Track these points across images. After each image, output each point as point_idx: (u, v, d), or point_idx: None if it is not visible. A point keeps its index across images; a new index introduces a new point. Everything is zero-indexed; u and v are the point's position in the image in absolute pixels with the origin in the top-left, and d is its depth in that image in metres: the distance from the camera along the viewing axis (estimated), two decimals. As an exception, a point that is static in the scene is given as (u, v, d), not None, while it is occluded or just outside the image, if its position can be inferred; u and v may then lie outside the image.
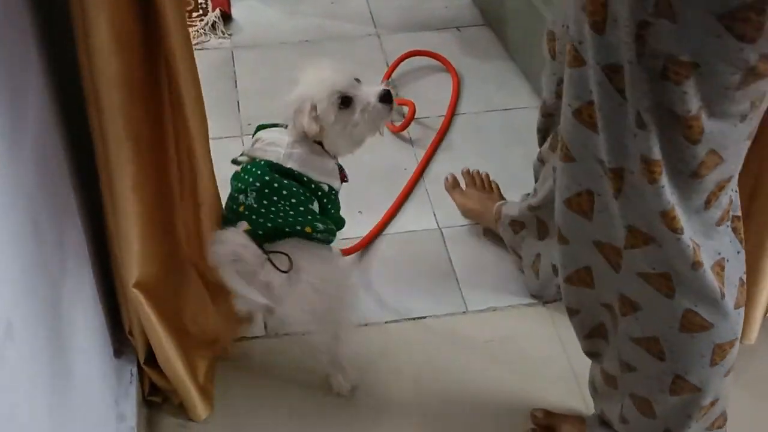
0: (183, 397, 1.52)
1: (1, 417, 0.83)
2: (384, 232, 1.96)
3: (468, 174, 2.04)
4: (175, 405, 1.57)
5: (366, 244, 1.91)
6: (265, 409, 1.60)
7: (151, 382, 1.55)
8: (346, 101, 1.43)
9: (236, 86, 2.41)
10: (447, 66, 2.43)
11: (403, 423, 1.58)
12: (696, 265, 1.11)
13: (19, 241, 0.98)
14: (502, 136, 2.23)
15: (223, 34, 2.61)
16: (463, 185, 2.02)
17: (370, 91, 1.44)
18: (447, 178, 2.03)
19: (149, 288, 1.39)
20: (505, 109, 2.32)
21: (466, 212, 1.98)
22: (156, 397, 1.58)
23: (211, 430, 1.56)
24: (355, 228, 1.88)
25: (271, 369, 1.68)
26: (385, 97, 1.44)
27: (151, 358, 1.50)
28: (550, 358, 1.70)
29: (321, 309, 1.41)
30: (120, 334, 1.53)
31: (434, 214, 2.01)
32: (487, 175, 2.02)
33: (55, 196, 1.22)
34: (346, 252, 1.85)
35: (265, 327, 1.75)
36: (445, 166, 2.11)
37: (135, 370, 1.50)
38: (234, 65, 2.50)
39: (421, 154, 2.16)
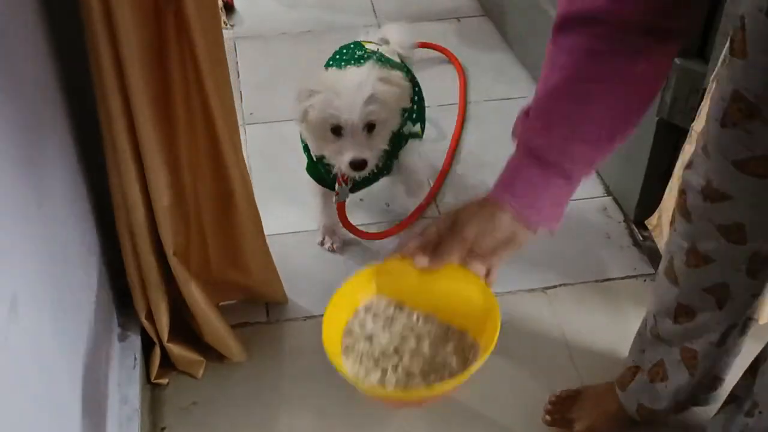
0: (222, 343, 1.61)
1: (5, 395, 0.86)
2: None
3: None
4: (194, 378, 1.63)
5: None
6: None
7: (160, 363, 1.58)
8: (336, 130, 1.58)
9: (238, 77, 2.44)
10: (454, 62, 2.45)
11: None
12: None
13: (27, 219, 1.00)
14: (500, 125, 2.25)
15: (226, 24, 2.63)
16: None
17: (349, 153, 1.58)
18: None
19: (183, 253, 1.49)
20: (504, 99, 2.34)
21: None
22: (163, 378, 1.60)
23: (220, 406, 1.59)
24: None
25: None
26: (355, 165, 1.59)
27: (175, 334, 1.56)
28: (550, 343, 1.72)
29: None
30: (124, 318, 1.56)
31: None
32: None
33: (64, 180, 1.25)
34: (392, 231, 1.92)
35: (267, 313, 1.77)
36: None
37: (139, 354, 1.53)
38: (236, 56, 2.53)
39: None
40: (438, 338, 0.91)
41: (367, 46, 1.84)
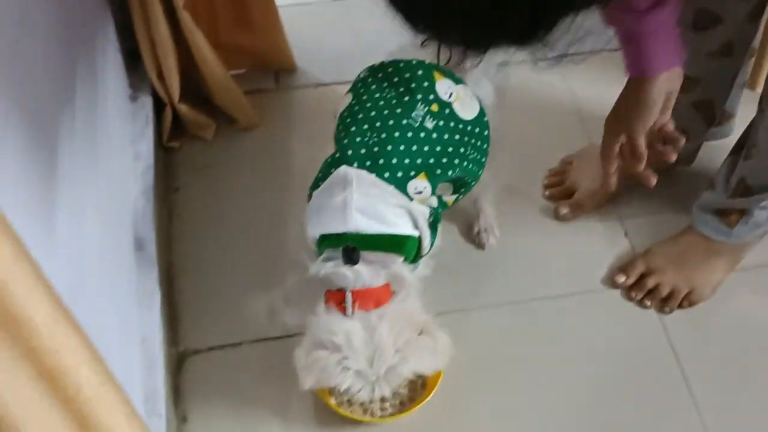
0: (234, 107, 1.63)
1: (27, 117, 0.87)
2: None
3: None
4: (205, 141, 1.65)
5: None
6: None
7: (172, 128, 1.60)
8: None
9: None
10: None
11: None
12: None
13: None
14: None
15: None
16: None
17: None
18: (560, 214, 1.55)
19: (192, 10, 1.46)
20: None
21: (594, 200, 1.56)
22: (175, 142, 1.63)
23: (232, 172, 1.62)
24: None
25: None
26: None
27: (186, 97, 1.58)
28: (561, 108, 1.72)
29: None
30: (135, 79, 1.56)
31: None
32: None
33: None
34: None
35: (276, 81, 1.77)
36: None
37: (151, 114, 1.54)
38: None
39: None
40: None
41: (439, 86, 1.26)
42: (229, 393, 1.35)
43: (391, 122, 1.22)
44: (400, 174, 1.20)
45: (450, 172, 1.25)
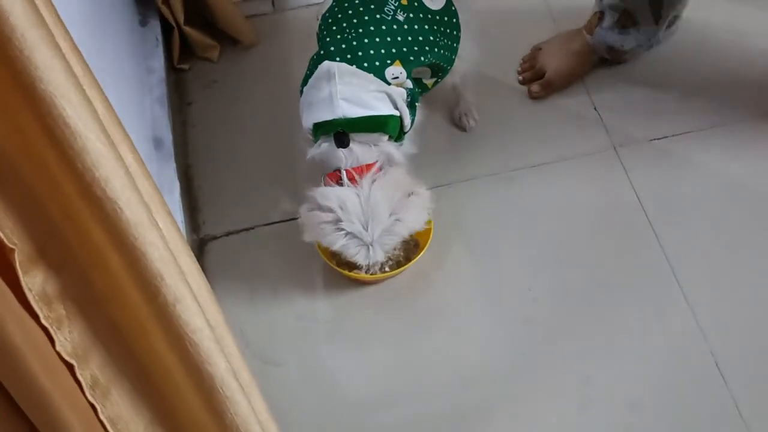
0: (236, 28, 1.79)
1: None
2: None
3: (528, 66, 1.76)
4: (212, 62, 1.83)
5: None
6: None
7: (180, 51, 1.78)
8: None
9: None
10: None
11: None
12: None
13: None
14: None
15: None
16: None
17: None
18: (531, 92, 1.71)
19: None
20: None
21: (563, 78, 1.71)
22: (184, 64, 1.80)
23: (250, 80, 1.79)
24: None
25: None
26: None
27: (190, 21, 1.74)
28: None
29: None
30: (143, 7, 1.73)
31: None
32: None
33: None
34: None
35: (273, 4, 1.93)
36: None
37: (160, 35, 1.72)
38: None
39: None
40: None
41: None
42: (247, 269, 1.53)
43: (366, 18, 1.38)
44: (377, 63, 1.35)
45: (423, 59, 1.40)
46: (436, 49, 1.42)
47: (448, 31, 1.45)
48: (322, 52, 1.39)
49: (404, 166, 1.42)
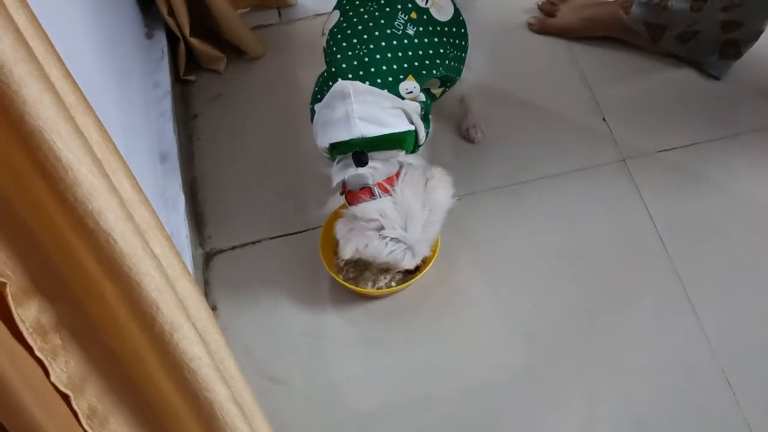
0: (241, 38, 1.78)
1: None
2: None
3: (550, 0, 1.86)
4: (218, 73, 1.82)
5: None
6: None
7: (186, 62, 1.77)
8: None
9: None
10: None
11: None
12: None
13: None
14: None
15: None
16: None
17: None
18: (529, 23, 1.84)
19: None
20: None
21: (575, 30, 1.80)
22: (190, 75, 1.80)
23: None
24: None
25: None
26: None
27: (196, 32, 1.74)
28: None
29: None
30: (149, 19, 1.73)
31: None
32: None
33: None
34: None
35: (279, 15, 1.93)
36: None
37: (165, 47, 1.71)
38: None
39: None
40: None
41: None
42: (252, 283, 1.52)
43: (376, 33, 1.36)
44: (390, 79, 1.33)
45: (435, 71, 1.39)
46: (447, 61, 1.41)
47: (457, 41, 1.43)
48: (333, 69, 1.36)
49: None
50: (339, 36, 1.39)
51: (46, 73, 0.55)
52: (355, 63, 1.33)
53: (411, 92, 1.35)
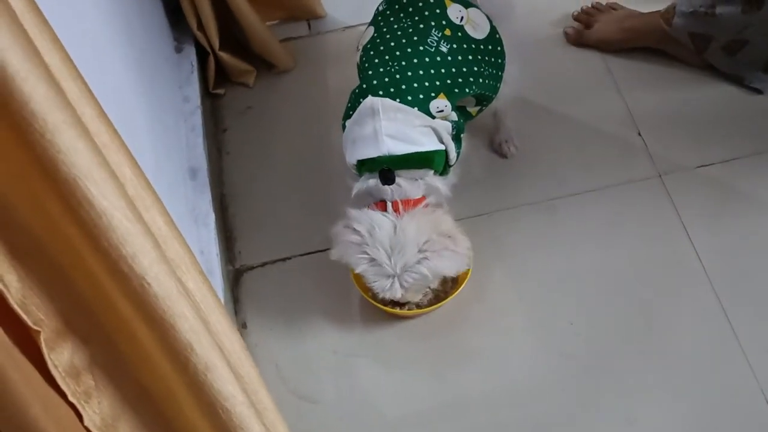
0: (270, 51, 1.77)
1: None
2: None
3: (587, 11, 1.83)
4: (248, 86, 1.81)
5: None
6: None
7: (216, 76, 1.77)
8: None
9: None
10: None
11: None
12: None
13: None
14: None
15: None
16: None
17: None
18: (567, 32, 1.82)
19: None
20: None
21: (614, 42, 1.76)
22: (220, 89, 1.79)
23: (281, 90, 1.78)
24: None
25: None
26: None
27: (225, 46, 1.73)
28: None
29: None
30: (178, 33, 1.73)
31: None
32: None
33: None
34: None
35: (309, 27, 1.91)
36: None
37: (195, 61, 1.70)
38: None
39: None
40: None
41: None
42: (282, 300, 1.51)
43: (409, 50, 1.34)
44: (421, 96, 1.31)
45: (467, 90, 1.36)
46: (480, 80, 1.38)
47: (493, 59, 1.41)
48: (364, 85, 1.35)
49: (447, 206, 1.38)
50: (372, 52, 1.38)
51: (79, 116, 0.53)
52: (386, 80, 1.32)
53: (442, 111, 1.33)
